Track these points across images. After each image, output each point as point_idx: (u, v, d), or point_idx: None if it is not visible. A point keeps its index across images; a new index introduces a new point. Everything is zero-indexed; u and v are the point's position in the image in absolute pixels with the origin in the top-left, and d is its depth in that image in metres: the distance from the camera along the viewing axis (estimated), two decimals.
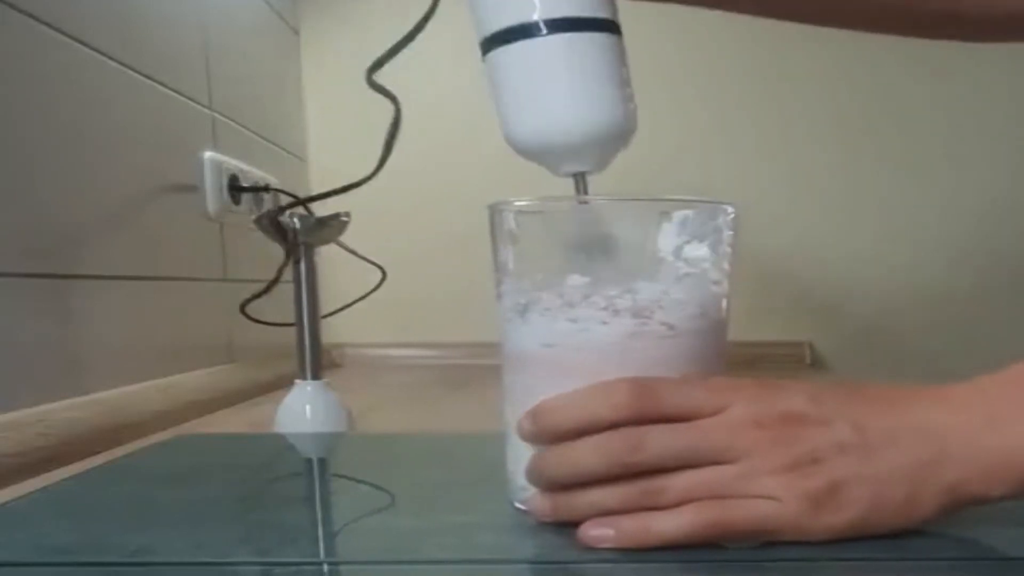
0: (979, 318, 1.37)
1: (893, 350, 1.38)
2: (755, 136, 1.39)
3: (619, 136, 0.50)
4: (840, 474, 0.39)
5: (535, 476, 0.43)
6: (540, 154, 0.51)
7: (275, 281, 0.77)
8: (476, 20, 0.51)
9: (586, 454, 0.40)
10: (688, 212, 0.43)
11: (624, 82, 0.50)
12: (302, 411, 0.72)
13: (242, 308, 0.80)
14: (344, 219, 0.74)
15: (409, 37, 0.57)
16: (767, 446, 0.39)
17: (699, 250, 0.43)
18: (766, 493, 0.39)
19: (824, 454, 0.39)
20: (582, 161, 0.50)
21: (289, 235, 0.72)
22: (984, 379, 0.41)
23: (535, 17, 0.48)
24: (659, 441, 0.40)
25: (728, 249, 0.44)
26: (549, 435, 0.42)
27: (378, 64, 0.59)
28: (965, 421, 0.40)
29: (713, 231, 0.43)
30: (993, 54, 0.65)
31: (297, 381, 0.73)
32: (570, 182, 0.52)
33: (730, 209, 0.44)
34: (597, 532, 0.40)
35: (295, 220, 0.72)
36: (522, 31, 0.48)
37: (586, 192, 0.51)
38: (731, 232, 0.44)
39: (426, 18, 0.56)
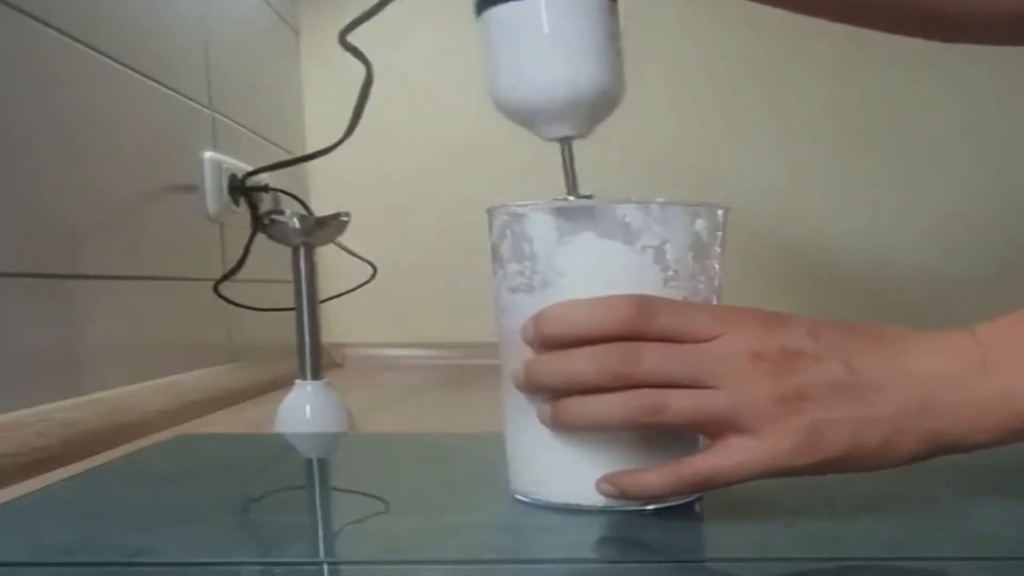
0: (976, 311, 1.37)
1: None
2: (752, 135, 1.39)
3: (605, 100, 0.50)
4: (823, 415, 0.39)
5: (531, 381, 0.43)
6: (527, 116, 0.50)
7: (243, 260, 0.77)
8: None
9: (581, 362, 0.41)
10: (674, 212, 0.43)
11: (614, 47, 0.50)
12: (302, 411, 0.72)
13: (215, 288, 0.80)
14: (344, 219, 0.74)
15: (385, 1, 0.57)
16: (760, 378, 0.40)
17: (666, 252, 0.43)
18: (751, 426, 0.39)
19: (813, 392, 0.40)
20: (566, 124, 0.50)
21: (256, 207, 0.72)
22: (979, 327, 0.42)
23: None
24: (655, 357, 0.40)
25: (718, 249, 0.44)
26: (550, 341, 0.42)
27: (352, 26, 0.59)
28: (956, 367, 0.41)
29: (682, 233, 0.43)
30: (986, 49, 0.66)
31: (297, 381, 0.73)
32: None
33: (719, 211, 0.44)
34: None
35: (295, 220, 0.72)
36: None
37: (571, 158, 0.51)
38: (721, 232, 0.44)
39: None
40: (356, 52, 0.60)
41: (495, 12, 0.50)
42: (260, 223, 0.73)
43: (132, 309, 0.81)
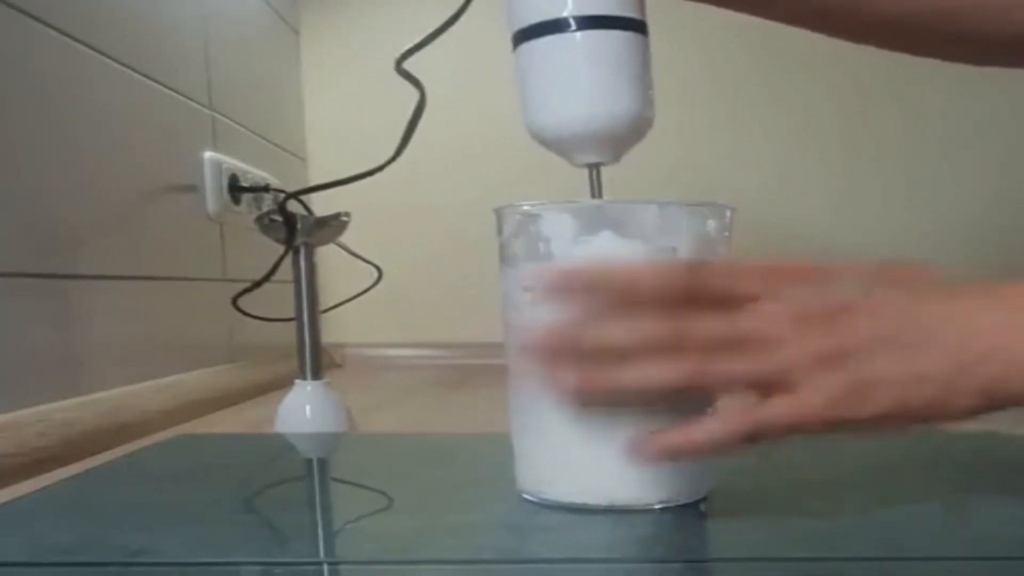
0: None
1: None
2: (754, 134, 1.39)
3: (636, 130, 0.51)
4: (869, 371, 0.39)
5: (562, 342, 0.40)
6: (559, 143, 0.52)
7: (270, 274, 0.77)
8: (510, 13, 0.52)
9: (627, 334, 0.39)
10: (669, 213, 0.43)
11: (645, 79, 0.52)
12: (302, 411, 0.72)
13: (234, 301, 0.80)
14: (344, 219, 0.74)
15: (444, 27, 0.57)
16: (804, 336, 0.39)
17: (680, 252, 0.43)
18: (793, 383, 0.39)
19: (860, 348, 0.39)
20: (598, 152, 0.51)
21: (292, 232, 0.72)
22: None
23: (565, 14, 0.49)
24: (701, 332, 0.39)
25: (724, 250, 0.44)
26: (598, 284, 0.40)
27: (409, 53, 0.59)
28: (1013, 317, 0.39)
29: (695, 233, 0.43)
30: None
31: (297, 381, 0.73)
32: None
33: (728, 211, 0.44)
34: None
35: (295, 219, 0.72)
36: (553, 26, 0.50)
37: (599, 183, 0.52)
38: (728, 233, 0.44)
39: (463, 9, 0.56)
40: (411, 78, 0.60)
41: (532, 45, 0.51)
42: (292, 239, 0.72)
43: (132, 309, 0.81)
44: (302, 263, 0.73)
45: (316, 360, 0.73)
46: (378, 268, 0.93)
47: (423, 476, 0.56)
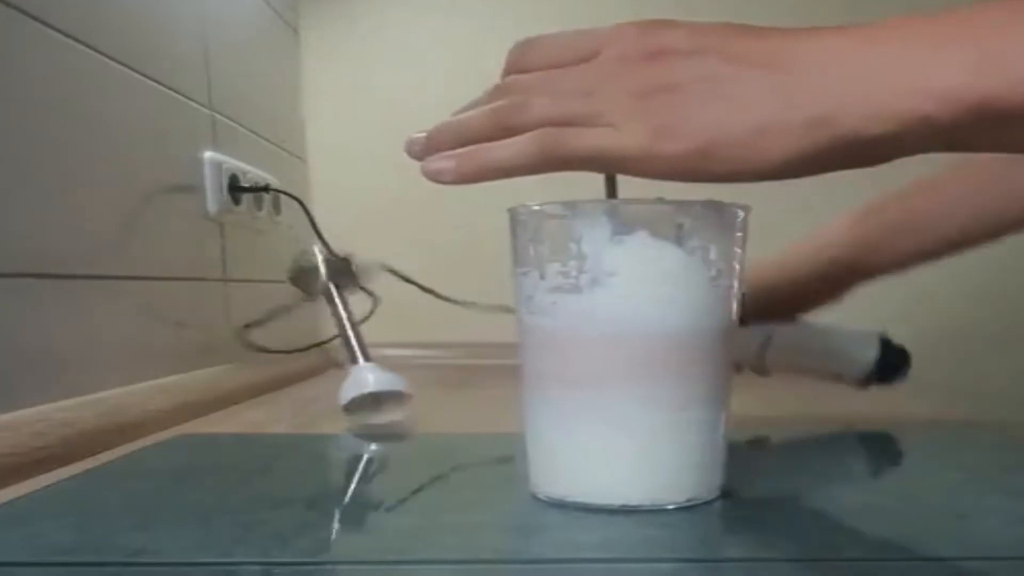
0: (982, 321, 1.37)
1: None
2: None
3: None
4: (686, 103, 0.38)
5: (431, 143, 0.44)
6: None
7: (276, 313, 0.78)
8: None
9: (478, 120, 0.42)
10: (700, 213, 0.43)
11: None
12: (365, 380, 0.74)
13: (241, 336, 0.81)
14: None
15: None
16: (622, 78, 0.39)
17: (711, 252, 0.43)
18: (607, 120, 0.39)
19: (678, 83, 0.38)
20: None
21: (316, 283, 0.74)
22: (918, 16, 0.37)
23: None
24: (542, 100, 0.40)
25: (738, 251, 0.44)
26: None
27: None
28: (866, 48, 0.36)
29: (724, 233, 0.43)
30: None
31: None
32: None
33: (741, 211, 0.44)
34: (437, 165, 0.43)
35: (322, 265, 0.73)
36: None
37: (615, 183, 0.52)
38: (741, 234, 0.44)
39: None
40: None
41: None
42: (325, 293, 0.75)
43: (132, 309, 0.81)
44: (337, 301, 0.74)
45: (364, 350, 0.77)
46: (374, 296, 0.95)
47: (423, 476, 0.56)
